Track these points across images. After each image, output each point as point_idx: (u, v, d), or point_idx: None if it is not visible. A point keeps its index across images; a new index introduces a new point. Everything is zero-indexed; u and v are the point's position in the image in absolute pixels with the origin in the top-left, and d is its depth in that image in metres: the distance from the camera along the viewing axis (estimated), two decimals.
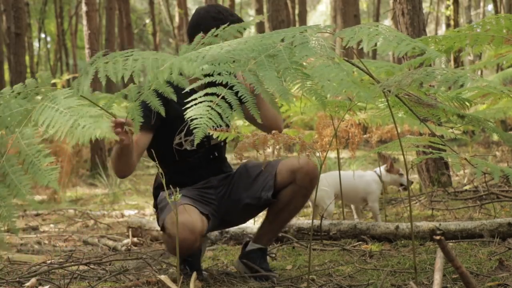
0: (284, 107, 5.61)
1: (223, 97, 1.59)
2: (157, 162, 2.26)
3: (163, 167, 2.25)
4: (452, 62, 11.88)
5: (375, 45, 1.65)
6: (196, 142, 1.55)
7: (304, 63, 1.67)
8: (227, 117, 1.56)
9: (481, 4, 20.42)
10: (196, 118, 1.52)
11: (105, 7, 14.72)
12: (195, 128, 1.51)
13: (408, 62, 2.57)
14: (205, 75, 1.62)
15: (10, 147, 1.60)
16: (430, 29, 23.40)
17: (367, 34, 1.66)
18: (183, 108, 1.60)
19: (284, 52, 1.68)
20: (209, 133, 2.39)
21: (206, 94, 1.59)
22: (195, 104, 1.57)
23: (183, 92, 1.74)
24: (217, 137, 2.38)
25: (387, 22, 21.20)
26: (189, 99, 1.59)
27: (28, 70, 15.21)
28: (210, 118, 1.53)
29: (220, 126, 1.61)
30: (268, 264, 2.60)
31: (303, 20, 16.86)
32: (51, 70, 22.17)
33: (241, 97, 1.64)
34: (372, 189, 3.79)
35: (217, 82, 1.62)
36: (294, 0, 17.75)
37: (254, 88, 1.63)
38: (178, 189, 2.18)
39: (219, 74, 1.63)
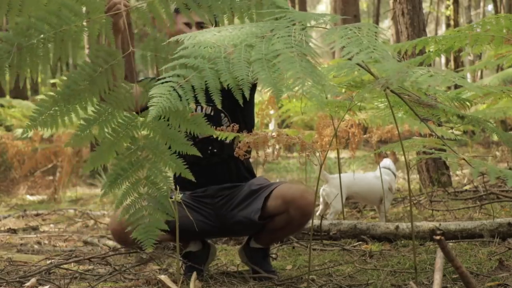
0: (284, 107, 5.61)
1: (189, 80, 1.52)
2: None
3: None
4: (452, 62, 11.87)
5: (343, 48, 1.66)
6: (148, 119, 1.49)
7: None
8: (187, 99, 1.49)
9: (481, 4, 20.42)
10: (155, 97, 1.47)
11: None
12: (152, 105, 1.44)
13: (408, 61, 2.58)
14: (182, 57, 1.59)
15: None
16: (430, 29, 23.38)
17: (341, 37, 1.65)
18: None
19: (264, 44, 1.61)
20: (211, 140, 2.41)
21: (177, 75, 1.54)
22: (162, 83, 1.51)
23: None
24: (220, 148, 2.42)
25: (387, 22, 21.20)
26: (160, 77, 1.54)
27: (28, 70, 15.14)
28: (169, 99, 1.47)
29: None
30: (270, 264, 2.60)
31: None
32: (51, 70, 22.15)
33: (206, 84, 1.55)
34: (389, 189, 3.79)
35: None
36: (294, 0, 17.74)
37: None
38: (178, 189, 2.18)
39: (195, 57, 1.57)
